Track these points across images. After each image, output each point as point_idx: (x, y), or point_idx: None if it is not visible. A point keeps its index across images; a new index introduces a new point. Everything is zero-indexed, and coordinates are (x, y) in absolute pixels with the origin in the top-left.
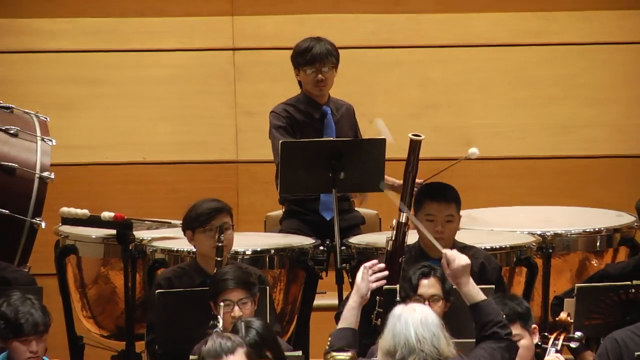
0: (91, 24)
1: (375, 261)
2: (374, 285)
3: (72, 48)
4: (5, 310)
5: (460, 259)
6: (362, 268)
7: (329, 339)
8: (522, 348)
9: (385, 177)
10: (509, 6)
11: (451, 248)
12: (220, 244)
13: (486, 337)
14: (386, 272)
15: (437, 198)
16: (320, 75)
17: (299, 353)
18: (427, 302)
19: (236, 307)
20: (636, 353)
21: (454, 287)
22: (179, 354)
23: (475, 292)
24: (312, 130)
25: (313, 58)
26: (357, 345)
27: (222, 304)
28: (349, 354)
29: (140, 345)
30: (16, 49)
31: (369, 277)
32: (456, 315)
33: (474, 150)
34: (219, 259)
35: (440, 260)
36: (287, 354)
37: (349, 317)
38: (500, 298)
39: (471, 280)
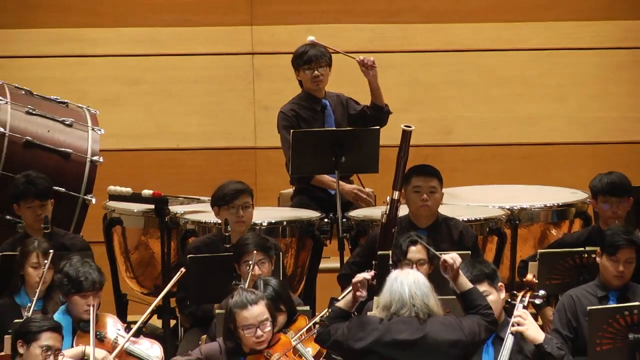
0: (132, 32)
1: (363, 276)
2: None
3: (116, 53)
4: (68, 270)
5: (457, 261)
6: (353, 282)
7: (329, 309)
8: (490, 302)
9: None
10: (484, 18)
11: (435, 219)
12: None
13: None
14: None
15: (422, 173)
16: (316, 72)
17: (307, 307)
18: (414, 266)
19: (256, 267)
20: (588, 307)
21: (437, 253)
22: (204, 311)
23: (465, 282)
24: (315, 120)
25: (309, 59)
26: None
27: (243, 264)
28: None
29: (174, 302)
30: (71, 54)
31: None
32: (439, 276)
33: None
34: (227, 234)
35: (426, 229)
36: (297, 308)
37: (347, 303)
38: (471, 262)
39: (463, 276)
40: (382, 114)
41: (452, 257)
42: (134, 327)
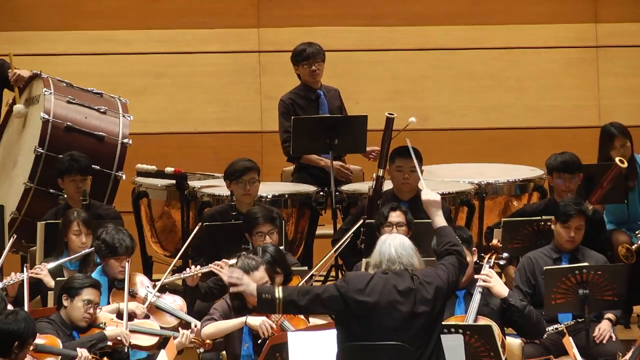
0: (157, 34)
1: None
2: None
3: (143, 51)
4: (105, 237)
5: (433, 195)
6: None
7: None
8: None
9: None
10: (455, 22)
11: (415, 193)
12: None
13: (445, 252)
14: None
15: (404, 155)
16: (313, 67)
17: (305, 268)
18: (394, 228)
19: (267, 237)
20: (544, 268)
21: (414, 220)
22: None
23: (440, 220)
24: (310, 107)
25: (307, 56)
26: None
27: (255, 235)
28: None
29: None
30: (105, 52)
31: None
32: (419, 241)
33: (412, 119)
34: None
35: (407, 202)
36: (296, 268)
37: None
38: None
39: (440, 212)
40: None
41: (427, 190)
42: (159, 284)
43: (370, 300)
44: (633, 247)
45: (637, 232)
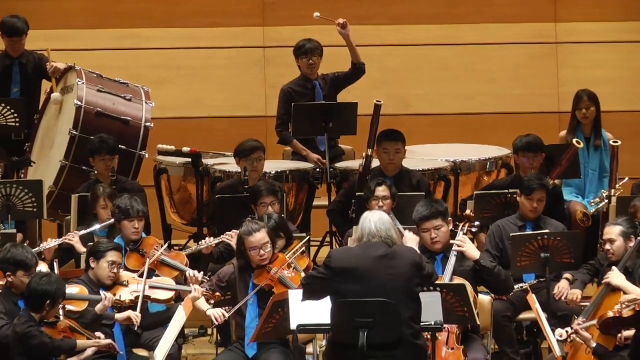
0: (175, 32)
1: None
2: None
3: (163, 46)
4: (119, 202)
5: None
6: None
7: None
8: (442, 232)
9: None
10: (433, 21)
11: (399, 170)
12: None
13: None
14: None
15: (389, 138)
16: (310, 61)
17: (303, 234)
18: (380, 201)
19: (269, 207)
20: (511, 234)
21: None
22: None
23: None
24: (306, 95)
25: (306, 50)
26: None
27: (259, 206)
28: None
29: (205, 230)
30: (130, 47)
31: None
32: (402, 211)
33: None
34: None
35: (392, 177)
36: (295, 235)
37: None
38: (428, 201)
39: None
40: (358, 70)
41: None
42: (164, 246)
43: (350, 267)
44: (589, 214)
45: (591, 200)
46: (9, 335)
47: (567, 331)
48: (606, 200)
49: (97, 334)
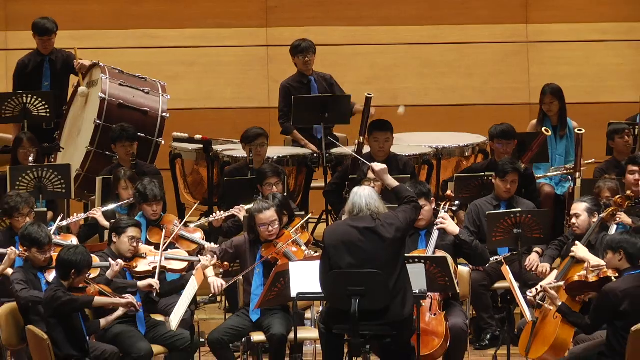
0: (189, 32)
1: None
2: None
3: (178, 45)
4: (139, 187)
5: (377, 165)
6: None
7: None
8: (426, 211)
9: None
10: (419, 22)
11: (388, 157)
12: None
13: (404, 202)
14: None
15: (380, 128)
16: (306, 59)
17: (302, 212)
18: (372, 183)
19: (274, 187)
20: (487, 212)
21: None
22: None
23: (391, 181)
24: (302, 89)
25: (302, 50)
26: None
27: (265, 186)
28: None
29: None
30: (149, 46)
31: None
32: (388, 193)
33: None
34: (251, 166)
35: (381, 162)
36: (296, 213)
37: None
38: (414, 182)
39: (389, 176)
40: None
41: (374, 165)
42: (183, 222)
43: (341, 242)
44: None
45: (552, 169)
46: (28, 298)
47: (536, 289)
48: (572, 182)
49: (126, 295)
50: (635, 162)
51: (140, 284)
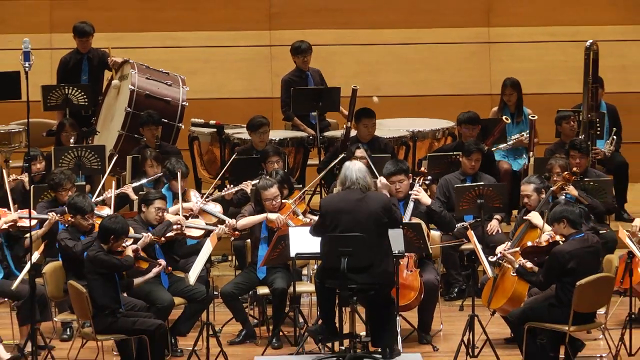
0: (204, 34)
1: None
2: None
3: (196, 45)
4: (169, 166)
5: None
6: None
7: None
8: (404, 185)
9: None
10: (399, 26)
11: (372, 139)
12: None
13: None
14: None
15: (367, 115)
16: (305, 58)
17: (300, 185)
18: (359, 159)
19: (275, 164)
20: (455, 185)
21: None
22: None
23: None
24: (302, 83)
25: (301, 50)
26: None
27: (268, 163)
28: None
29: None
30: (171, 46)
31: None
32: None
33: (375, 100)
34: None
35: (366, 143)
36: (295, 186)
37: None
38: (394, 160)
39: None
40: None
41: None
42: (206, 194)
43: (336, 209)
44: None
45: (517, 160)
46: (78, 252)
47: (496, 254)
48: (526, 161)
49: (160, 260)
50: (574, 147)
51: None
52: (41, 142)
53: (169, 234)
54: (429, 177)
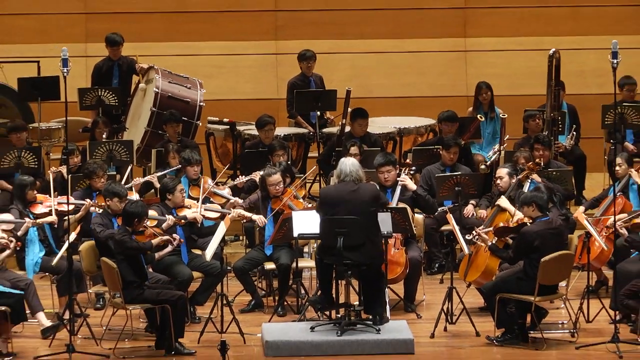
0: (218, 44)
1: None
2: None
3: (211, 53)
4: (184, 155)
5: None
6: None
7: None
8: (392, 175)
9: None
10: (386, 36)
11: (364, 135)
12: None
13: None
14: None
15: (362, 116)
16: (308, 65)
17: (302, 175)
18: (353, 155)
19: (281, 157)
20: (436, 175)
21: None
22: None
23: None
24: (305, 86)
25: (307, 57)
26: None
27: (274, 156)
28: None
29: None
30: (189, 54)
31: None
32: (366, 160)
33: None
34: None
35: (359, 139)
36: (297, 175)
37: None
38: (384, 154)
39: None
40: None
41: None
42: (215, 181)
43: (334, 198)
44: (487, 163)
45: (489, 154)
46: (107, 236)
47: (472, 234)
48: (497, 153)
49: (175, 235)
50: (538, 141)
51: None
52: (77, 138)
53: (190, 216)
54: (414, 168)
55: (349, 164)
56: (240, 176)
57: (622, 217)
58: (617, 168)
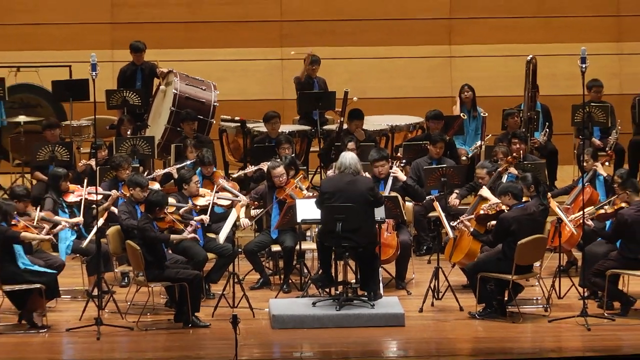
0: (229, 50)
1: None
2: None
3: (224, 58)
4: (199, 155)
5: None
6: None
7: None
8: (385, 168)
9: None
10: (378, 43)
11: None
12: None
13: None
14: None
15: (359, 117)
16: (313, 68)
17: (305, 167)
18: (351, 150)
19: (286, 150)
20: (424, 167)
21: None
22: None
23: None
24: (309, 87)
25: (312, 62)
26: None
27: (280, 150)
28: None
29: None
30: (205, 59)
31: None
32: (363, 154)
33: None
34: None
35: (354, 134)
36: (300, 167)
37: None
38: (378, 149)
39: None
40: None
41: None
42: (225, 178)
43: (332, 189)
44: (469, 155)
45: (471, 147)
46: (130, 226)
47: (456, 220)
48: (477, 149)
49: (192, 222)
50: (516, 136)
51: (197, 218)
52: (105, 134)
53: (203, 204)
54: (404, 161)
55: (348, 157)
56: (249, 167)
57: (589, 210)
58: (585, 164)
